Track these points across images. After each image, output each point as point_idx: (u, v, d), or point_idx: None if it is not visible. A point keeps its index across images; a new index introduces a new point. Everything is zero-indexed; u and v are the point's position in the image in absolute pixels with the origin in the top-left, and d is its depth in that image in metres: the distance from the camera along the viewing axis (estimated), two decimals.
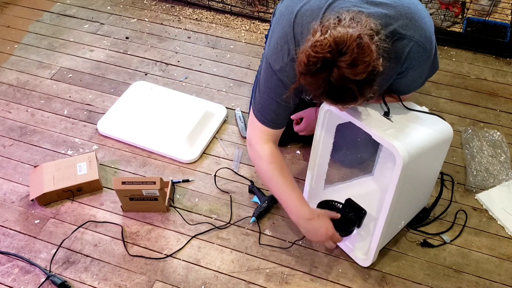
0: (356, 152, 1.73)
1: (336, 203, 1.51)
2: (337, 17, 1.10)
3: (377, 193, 1.64)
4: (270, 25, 1.57)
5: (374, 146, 1.65)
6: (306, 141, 1.76)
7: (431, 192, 1.62)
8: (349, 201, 1.48)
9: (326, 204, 1.52)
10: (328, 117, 1.40)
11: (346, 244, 1.52)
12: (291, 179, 1.42)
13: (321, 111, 1.39)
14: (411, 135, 1.29)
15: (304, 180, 1.60)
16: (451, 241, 1.57)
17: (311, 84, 1.11)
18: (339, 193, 1.60)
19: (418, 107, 1.43)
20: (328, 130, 1.44)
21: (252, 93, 1.43)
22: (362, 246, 1.51)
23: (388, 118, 1.31)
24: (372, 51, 1.05)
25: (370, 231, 1.54)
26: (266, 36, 1.61)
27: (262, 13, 2.45)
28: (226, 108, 1.97)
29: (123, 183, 1.56)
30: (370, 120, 1.28)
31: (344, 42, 1.03)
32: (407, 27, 1.19)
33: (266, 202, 1.63)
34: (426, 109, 1.43)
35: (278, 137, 1.45)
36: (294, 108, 1.41)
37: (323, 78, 1.07)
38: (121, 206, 1.64)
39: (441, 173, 1.72)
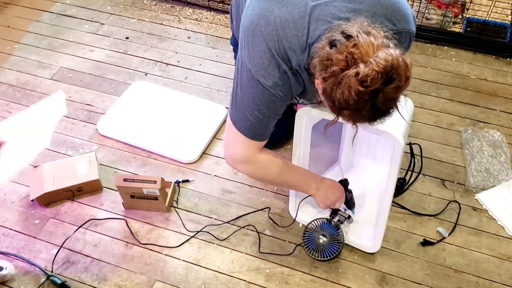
0: (326, 148, 1.76)
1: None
2: (356, 34, 1.00)
3: (356, 177, 1.69)
4: (233, 19, 1.51)
5: (338, 137, 1.71)
6: None
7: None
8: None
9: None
10: (306, 121, 1.39)
11: (349, 238, 1.53)
12: (292, 164, 1.47)
13: (298, 117, 1.38)
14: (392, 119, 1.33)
15: None
16: (450, 238, 1.57)
17: (353, 115, 1.05)
18: None
19: None
20: (306, 132, 1.44)
21: (231, 105, 1.33)
22: (365, 235, 1.53)
23: None
24: (410, 64, 1.00)
25: (369, 218, 1.57)
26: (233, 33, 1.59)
27: None
28: (226, 108, 1.97)
29: (125, 180, 1.56)
30: None
31: (393, 67, 0.96)
32: (396, 20, 1.17)
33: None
34: None
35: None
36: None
37: (368, 106, 1.01)
38: (122, 203, 1.64)
39: (409, 144, 1.73)
